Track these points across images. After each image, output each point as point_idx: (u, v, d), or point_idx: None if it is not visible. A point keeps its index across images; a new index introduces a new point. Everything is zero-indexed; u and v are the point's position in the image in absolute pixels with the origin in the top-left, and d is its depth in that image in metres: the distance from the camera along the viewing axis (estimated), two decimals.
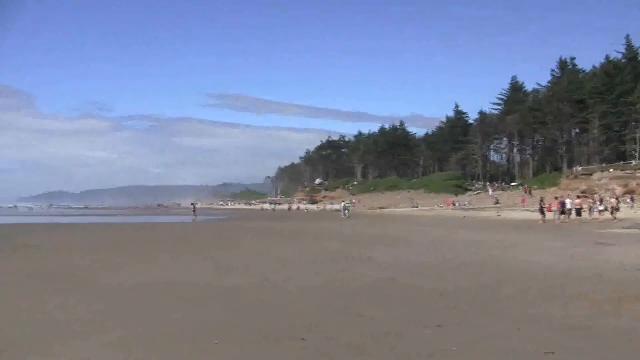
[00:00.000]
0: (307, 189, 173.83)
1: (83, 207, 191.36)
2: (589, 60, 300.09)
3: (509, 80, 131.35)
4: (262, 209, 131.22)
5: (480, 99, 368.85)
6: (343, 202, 78.26)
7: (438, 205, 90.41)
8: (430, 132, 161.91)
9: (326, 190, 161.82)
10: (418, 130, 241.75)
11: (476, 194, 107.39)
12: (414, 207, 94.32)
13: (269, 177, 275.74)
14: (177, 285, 13.18)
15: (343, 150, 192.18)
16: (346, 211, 68.48)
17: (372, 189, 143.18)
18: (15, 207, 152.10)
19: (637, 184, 71.31)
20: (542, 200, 45.81)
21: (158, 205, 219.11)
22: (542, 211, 42.99)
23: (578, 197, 48.43)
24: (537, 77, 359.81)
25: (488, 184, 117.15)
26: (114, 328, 8.95)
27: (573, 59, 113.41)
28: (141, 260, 19.04)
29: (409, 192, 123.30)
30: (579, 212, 42.98)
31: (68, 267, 16.31)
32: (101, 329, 8.88)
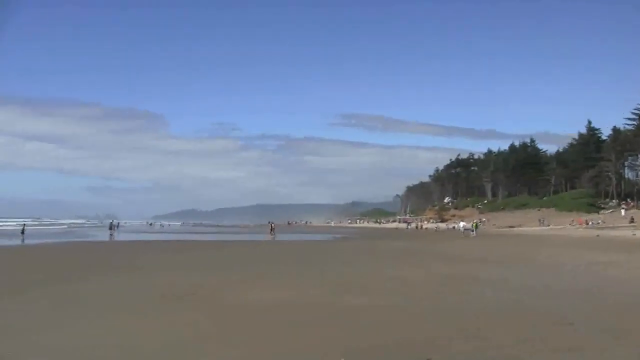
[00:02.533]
0: (436, 207, 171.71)
1: (214, 225, 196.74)
2: None
3: None
4: (397, 228, 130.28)
5: (613, 114, 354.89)
6: (474, 221, 77.25)
7: (570, 224, 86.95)
8: (561, 149, 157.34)
9: (455, 208, 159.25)
10: (549, 147, 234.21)
11: (609, 213, 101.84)
12: (544, 226, 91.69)
13: (397, 195, 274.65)
14: (297, 304, 13.35)
15: (472, 168, 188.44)
16: (474, 230, 67.57)
17: (501, 207, 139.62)
18: (151, 224, 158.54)
19: None
20: None
21: (288, 223, 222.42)
22: None
23: None
24: None
25: (622, 202, 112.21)
26: (238, 346, 9.22)
27: None
28: (263, 278, 19.33)
29: (539, 210, 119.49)
30: None
31: (196, 287, 16.49)
32: (227, 347, 9.16)
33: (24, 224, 60.09)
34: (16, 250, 34.34)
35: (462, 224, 74.95)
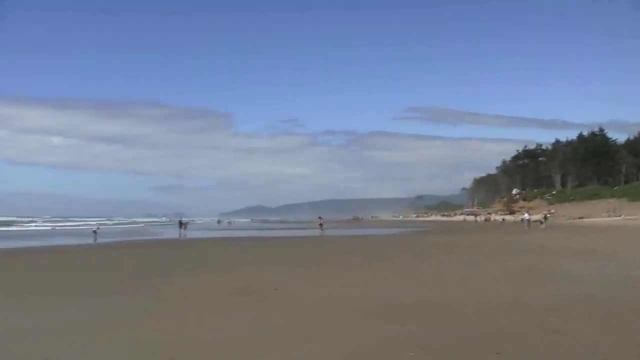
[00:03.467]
0: (505, 199, 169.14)
1: (281, 221, 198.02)
2: None
3: None
4: (465, 221, 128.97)
5: None
6: (543, 213, 75.86)
7: None
8: (631, 137, 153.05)
9: (524, 200, 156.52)
10: (619, 136, 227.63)
11: None
12: (616, 216, 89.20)
13: (464, 188, 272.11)
14: (368, 300, 13.15)
15: (540, 159, 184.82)
16: (544, 221, 66.23)
17: (571, 198, 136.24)
18: (219, 221, 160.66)
19: None
20: None
21: (353, 218, 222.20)
22: None
23: None
24: None
25: None
26: (310, 341, 9.18)
27: None
28: (333, 273, 19.25)
29: (610, 200, 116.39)
30: None
31: (267, 283, 16.52)
32: (299, 342, 9.12)
33: (98, 226, 61.22)
34: (92, 250, 35.25)
35: (526, 215, 73.26)
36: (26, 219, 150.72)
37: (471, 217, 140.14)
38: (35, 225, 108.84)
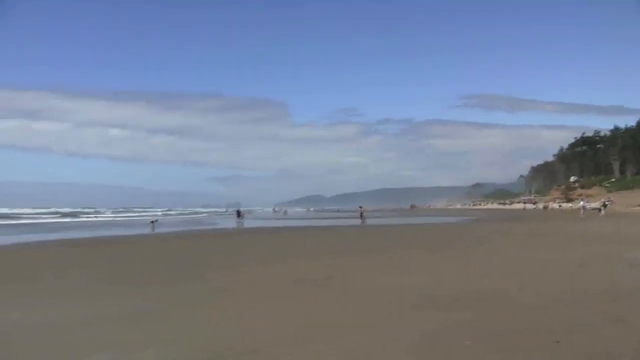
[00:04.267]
0: (562, 187, 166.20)
1: (337, 210, 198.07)
2: None
3: None
4: (524, 209, 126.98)
5: None
6: (602, 200, 74.37)
7: None
8: None
9: (581, 187, 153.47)
10: None
11: None
12: None
13: (522, 176, 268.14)
14: (428, 288, 13.05)
15: (598, 146, 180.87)
16: (603, 209, 64.99)
17: (630, 185, 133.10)
18: (276, 211, 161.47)
19: None
20: None
21: (411, 206, 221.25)
22: None
23: None
24: None
25: None
26: (370, 328, 9.19)
27: None
28: (393, 262, 19.22)
29: None
30: None
31: (327, 271, 16.50)
32: (360, 329, 9.14)
33: (155, 217, 62.15)
34: (151, 241, 35.76)
35: (582, 202, 72.07)
36: (90, 210, 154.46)
37: (530, 205, 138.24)
38: (103, 217, 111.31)
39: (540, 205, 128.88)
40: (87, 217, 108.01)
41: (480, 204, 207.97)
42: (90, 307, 11.63)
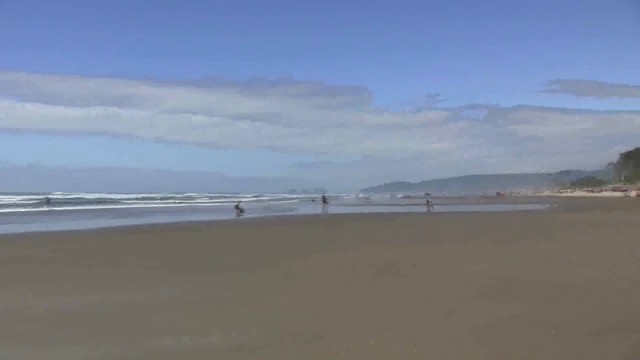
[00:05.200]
0: None
1: (421, 196, 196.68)
2: None
3: None
4: (616, 197, 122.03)
5: None
6: None
7: None
8: None
9: None
10: None
11: None
12: None
13: (611, 163, 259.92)
14: (496, 278, 12.70)
15: None
16: None
17: None
18: (360, 197, 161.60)
19: None
20: None
21: (497, 194, 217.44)
22: None
23: None
24: None
25: None
26: (435, 317, 8.95)
27: None
28: (463, 249, 18.74)
29: None
30: None
31: (398, 259, 16.30)
32: (434, 318, 8.93)
33: (239, 201, 62.72)
34: (232, 226, 36.23)
35: None
36: (179, 195, 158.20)
37: (618, 193, 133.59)
38: (190, 202, 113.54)
39: (633, 193, 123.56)
40: (175, 202, 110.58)
41: (567, 192, 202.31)
42: (158, 292, 11.80)
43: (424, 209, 62.20)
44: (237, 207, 56.58)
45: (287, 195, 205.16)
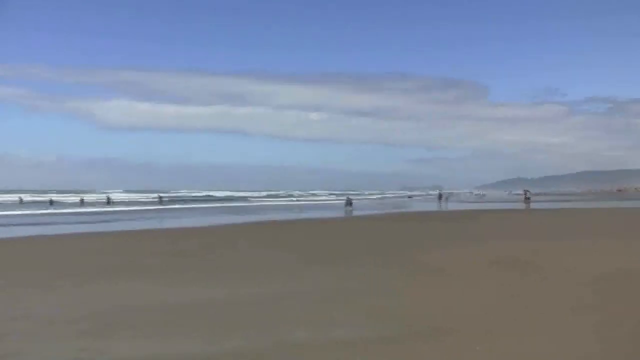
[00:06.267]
0: None
1: (539, 192, 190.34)
2: None
3: None
4: None
5: None
6: None
7: None
8: None
9: None
10: None
11: None
12: None
13: None
14: (622, 275, 12.32)
15: None
16: None
17: None
18: (475, 194, 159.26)
19: None
20: None
21: (617, 189, 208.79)
22: None
23: None
24: None
25: None
26: (555, 318, 8.81)
27: None
28: (592, 246, 18.44)
29: None
30: None
31: (527, 255, 16.14)
32: (558, 315, 8.82)
33: (348, 198, 63.82)
34: (348, 222, 37.30)
35: None
36: (301, 192, 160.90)
37: None
38: (323, 199, 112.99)
39: None
40: (299, 199, 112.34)
41: None
42: (290, 284, 12.13)
43: (531, 204, 60.75)
44: (349, 203, 58.40)
45: (403, 192, 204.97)
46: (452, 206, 65.33)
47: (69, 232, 29.16)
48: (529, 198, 64.21)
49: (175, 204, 78.58)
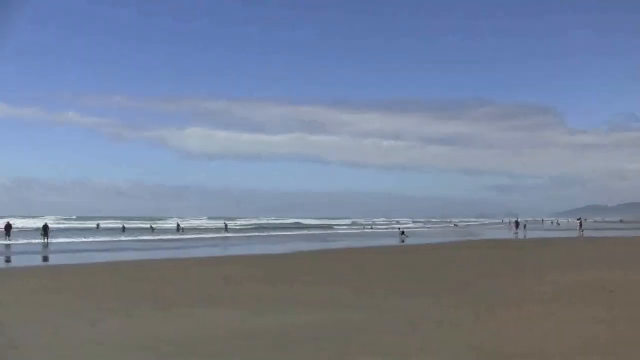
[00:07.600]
0: None
1: (617, 220, 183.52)
2: None
3: None
4: None
5: None
6: None
7: None
8: None
9: None
10: None
11: None
12: None
13: None
14: None
15: None
16: None
17: None
18: (551, 222, 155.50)
19: None
20: None
21: None
22: None
23: None
24: None
25: None
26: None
27: None
28: None
29: None
30: None
31: (611, 284, 16.26)
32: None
33: (402, 229, 64.24)
34: (436, 250, 37.48)
35: None
36: (389, 220, 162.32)
37: None
38: (410, 226, 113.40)
39: None
40: (387, 227, 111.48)
41: None
42: (367, 313, 12.08)
43: (619, 233, 59.43)
44: (402, 233, 60.46)
45: (479, 220, 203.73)
46: (530, 234, 64.56)
47: (165, 257, 31.53)
48: (582, 225, 63.00)
49: (270, 231, 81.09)
